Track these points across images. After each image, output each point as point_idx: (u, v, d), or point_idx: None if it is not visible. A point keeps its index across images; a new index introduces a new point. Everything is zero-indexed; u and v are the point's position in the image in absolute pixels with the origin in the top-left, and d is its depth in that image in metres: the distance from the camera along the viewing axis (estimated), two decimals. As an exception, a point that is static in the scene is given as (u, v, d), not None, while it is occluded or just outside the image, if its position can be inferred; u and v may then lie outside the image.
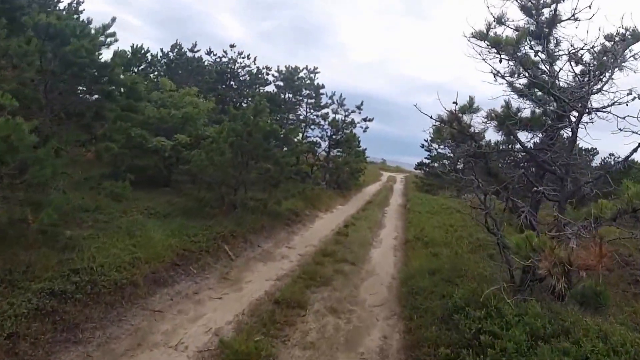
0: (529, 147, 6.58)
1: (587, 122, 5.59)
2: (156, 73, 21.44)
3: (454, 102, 6.02)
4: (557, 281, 2.97)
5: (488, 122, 6.19)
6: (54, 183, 7.06)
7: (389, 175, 34.82)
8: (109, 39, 7.78)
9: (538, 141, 6.52)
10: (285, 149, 13.18)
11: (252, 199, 9.48)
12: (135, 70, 20.58)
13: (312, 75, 18.20)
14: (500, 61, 5.78)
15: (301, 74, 18.15)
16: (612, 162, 13.58)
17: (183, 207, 9.27)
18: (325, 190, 16.84)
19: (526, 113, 6.29)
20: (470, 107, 6.17)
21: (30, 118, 6.76)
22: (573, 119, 5.70)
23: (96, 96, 8.30)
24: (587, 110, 5.35)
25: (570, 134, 5.89)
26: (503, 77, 6.57)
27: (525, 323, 4.67)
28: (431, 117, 6.15)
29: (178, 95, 12.51)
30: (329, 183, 18.19)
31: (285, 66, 18.45)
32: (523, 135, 6.65)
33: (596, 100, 5.66)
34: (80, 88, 8.24)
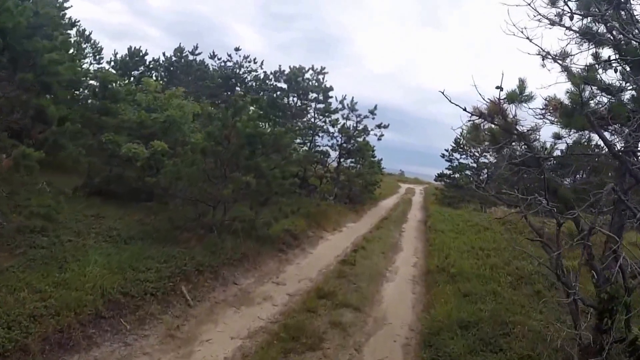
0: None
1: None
2: (157, 78, 20.23)
3: (497, 87, 4.17)
4: None
5: (547, 113, 4.30)
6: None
7: (407, 187, 33.03)
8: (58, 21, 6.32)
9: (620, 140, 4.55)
10: (284, 160, 11.44)
11: (236, 219, 7.69)
12: (134, 74, 19.46)
13: (319, 76, 16.31)
14: (572, 17, 3.93)
15: (307, 75, 16.29)
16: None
17: (153, 228, 7.59)
18: (334, 205, 14.92)
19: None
20: (520, 95, 4.31)
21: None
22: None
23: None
24: None
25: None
26: (555, 59, 4.79)
27: None
28: (465, 109, 4.33)
29: (164, 96, 10.99)
30: (339, 197, 16.23)
31: (290, 66, 16.65)
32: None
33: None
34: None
